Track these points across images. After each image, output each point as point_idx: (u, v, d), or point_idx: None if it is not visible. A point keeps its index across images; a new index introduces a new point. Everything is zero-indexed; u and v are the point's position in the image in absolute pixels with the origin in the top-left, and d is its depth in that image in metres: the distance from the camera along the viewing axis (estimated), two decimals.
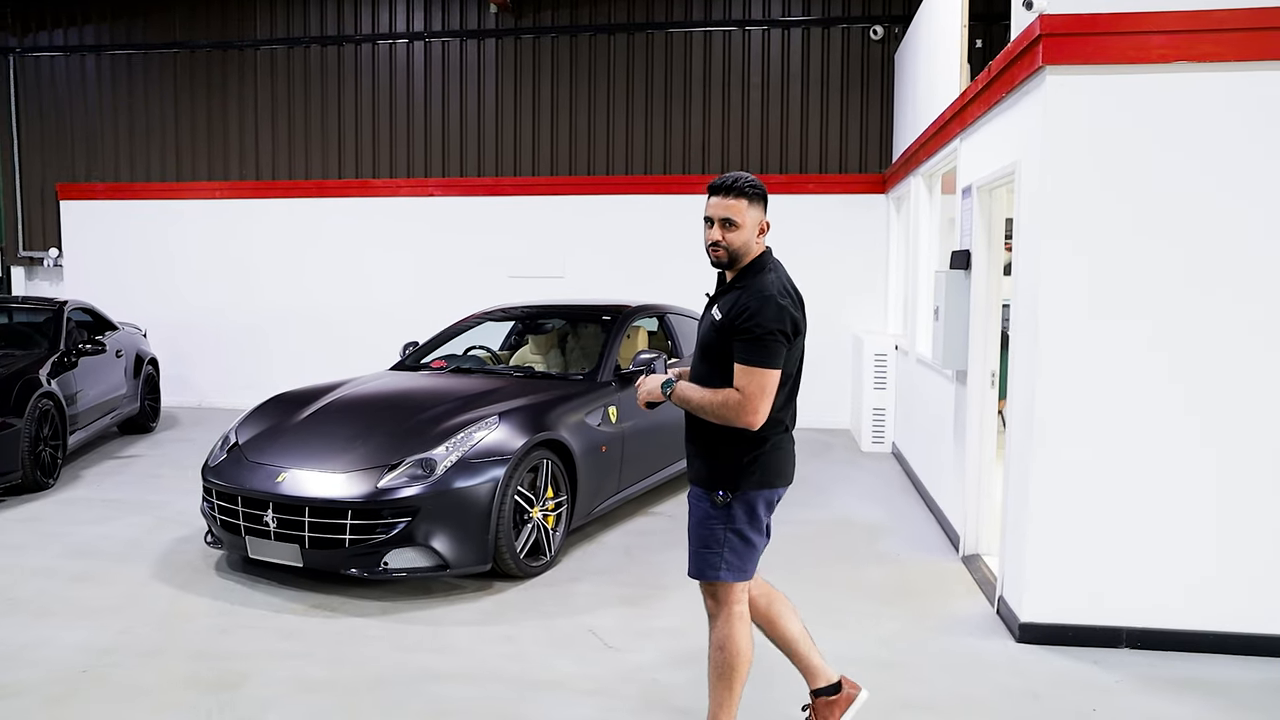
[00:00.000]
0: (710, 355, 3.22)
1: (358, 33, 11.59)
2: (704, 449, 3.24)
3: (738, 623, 3.26)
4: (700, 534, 3.26)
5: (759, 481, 3.21)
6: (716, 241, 3.22)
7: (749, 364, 3.07)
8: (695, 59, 10.96)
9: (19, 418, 7.29)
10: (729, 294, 3.24)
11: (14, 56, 12.32)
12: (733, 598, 3.26)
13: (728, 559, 3.22)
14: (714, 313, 3.23)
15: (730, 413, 3.08)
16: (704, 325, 3.30)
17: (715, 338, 3.19)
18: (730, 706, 3.29)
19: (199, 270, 12.09)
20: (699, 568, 3.26)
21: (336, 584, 5.36)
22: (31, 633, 4.71)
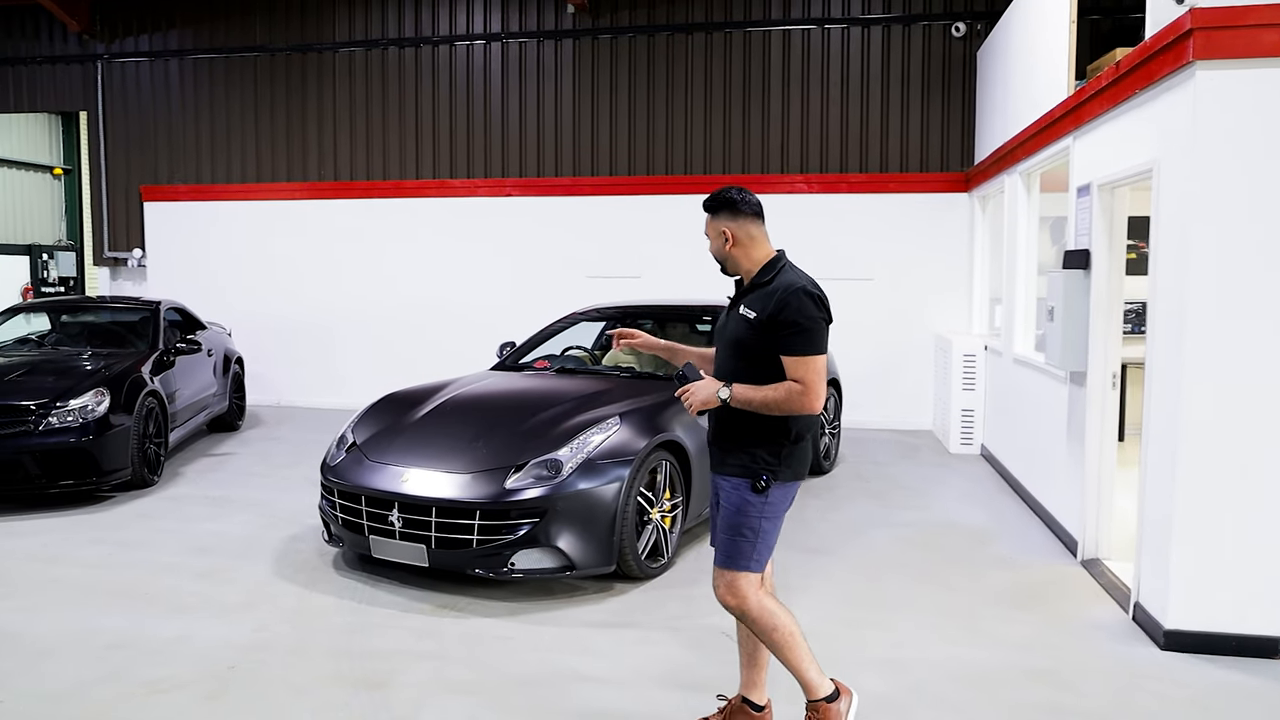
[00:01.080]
0: (745, 352, 3.38)
1: (435, 34, 11.67)
2: (745, 442, 3.37)
3: (764, 602, 3.41)
4: (734, 522, 3.38)
5: (795, 473, 3.42)
6: (711, 253, 3.54)
7: (803, 353, 3.26)
8: (774, 58, 10.91)
9: (129, 416, 7.43)
10: (754, 293, 3.41)
11: (102, 63, 12.56)
12: (749, 589, 3.39)
13: (758, 549, 3.38)
14: (744, 312, 3.39)
15: (796, 403, 3.25)
16: (733, 325, 3.46)
17: (751, 335, 3.35)
18: (809, 662, 3.48)
19: (277, 270, 12.24)
20: (730, 555, 3.39)
21: (458, 583, 5.38)
22: (172, 628, 4.79)
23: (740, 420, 3.37)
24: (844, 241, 10.80)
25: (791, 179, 10.87)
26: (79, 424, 7.07)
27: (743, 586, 3.38)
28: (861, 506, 7.36)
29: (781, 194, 10.85)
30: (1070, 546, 6.13)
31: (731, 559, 3.38)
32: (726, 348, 3.49)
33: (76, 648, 4.55)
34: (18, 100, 13.14)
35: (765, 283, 3.39)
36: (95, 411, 7.18)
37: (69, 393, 7.20)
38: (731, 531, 3.38)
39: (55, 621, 4.89)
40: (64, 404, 7.10)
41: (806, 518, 7.01)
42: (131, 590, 5.37)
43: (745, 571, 3.38)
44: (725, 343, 3.50)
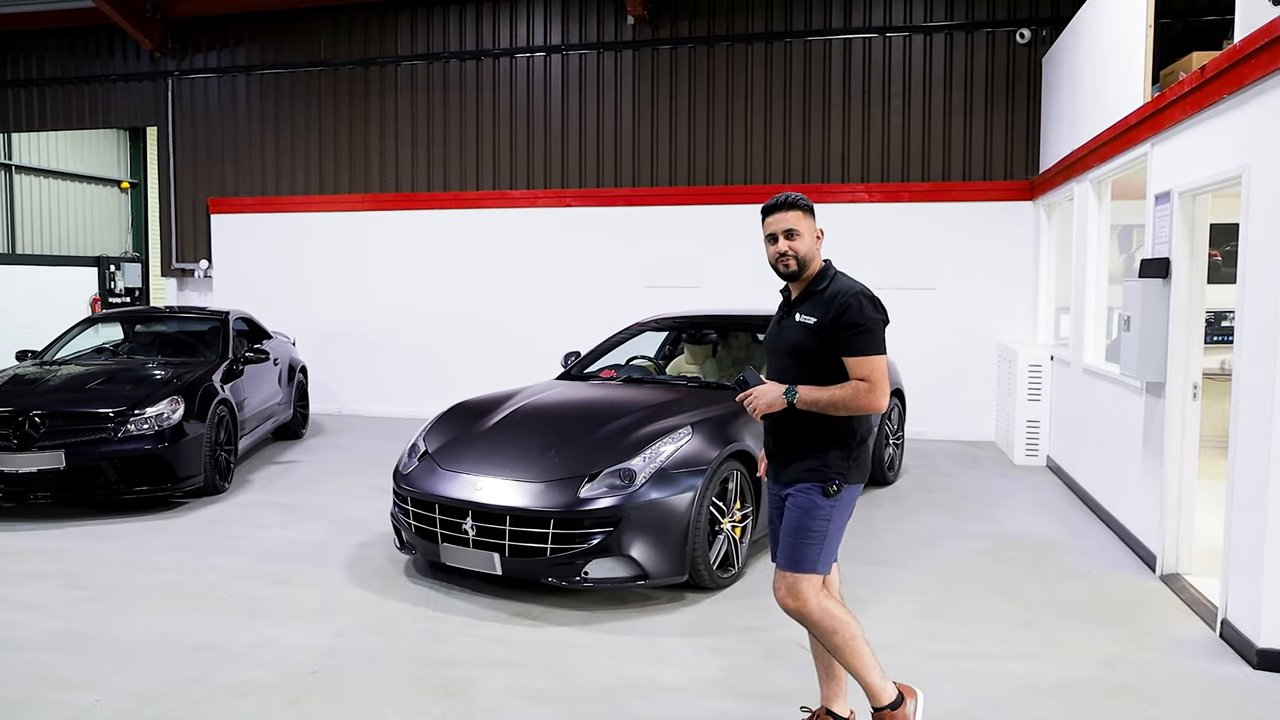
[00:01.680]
0: (806, 357, 3.44)
1: (496, 46, 11.79)
2: (810, 447, 3.43)
3: (826, 604, 3.42)
4: (803, 525, 3.42)
5: (859, 475, 3.50)
6: (784, 252, 3.49)
7: (866, 353, 3.34)
8: (835, 67, 10.86)
9: (202, 423, 7.57)
10: (809, 301, 3.48)
11: (172, 79, 12.88)
12: (811, 591, 3.40)
13: (824, 552, 3.43)
14: (803, 319, 3.45)
15: (863, 400, 3.33)
16: (789, 332, 3.51)
17: (813, 340, 3.42)
18: (872, 665, 3.47)
19: (340, 280, 12.43)
20: (794, 558, 3.41)
21: (530, 592, 5.40)
22: (253, 633, 4.86)
23: (807, 425, 3.43)
24: (905, 251, 10.71)
25: (852, 188, 10.80)
26: (155, 431, 7.23)
27: (804, 589, 3.40)
28: (930, 518, 7.27)
29: (842, 203, 10.79)
30: (1148, 561, 6.00)
31: (796, 561, 3.41)
32: (784, 355, 3.54)
33: (162, 650, 4.64)
34: (93, 117, 13.51)
35: (821, 290, 3.46)
36: (170, 419, 7.33)
37: (145, 401, 7.36)
38: (798, 534, 3.42)
39: (140, 624, 4.99)
40: (141, 412, 7.26)
41: (874, 529, 6.94)
42: (210, 595, 5.47)
43: (807, 574, 3.40)
44: (782, 350, 3.56)
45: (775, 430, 3.55)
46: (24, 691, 4.16)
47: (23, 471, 6.94)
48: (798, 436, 3.46)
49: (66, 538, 6.62)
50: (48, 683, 4.26)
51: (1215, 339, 8.30)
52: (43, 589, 5.55)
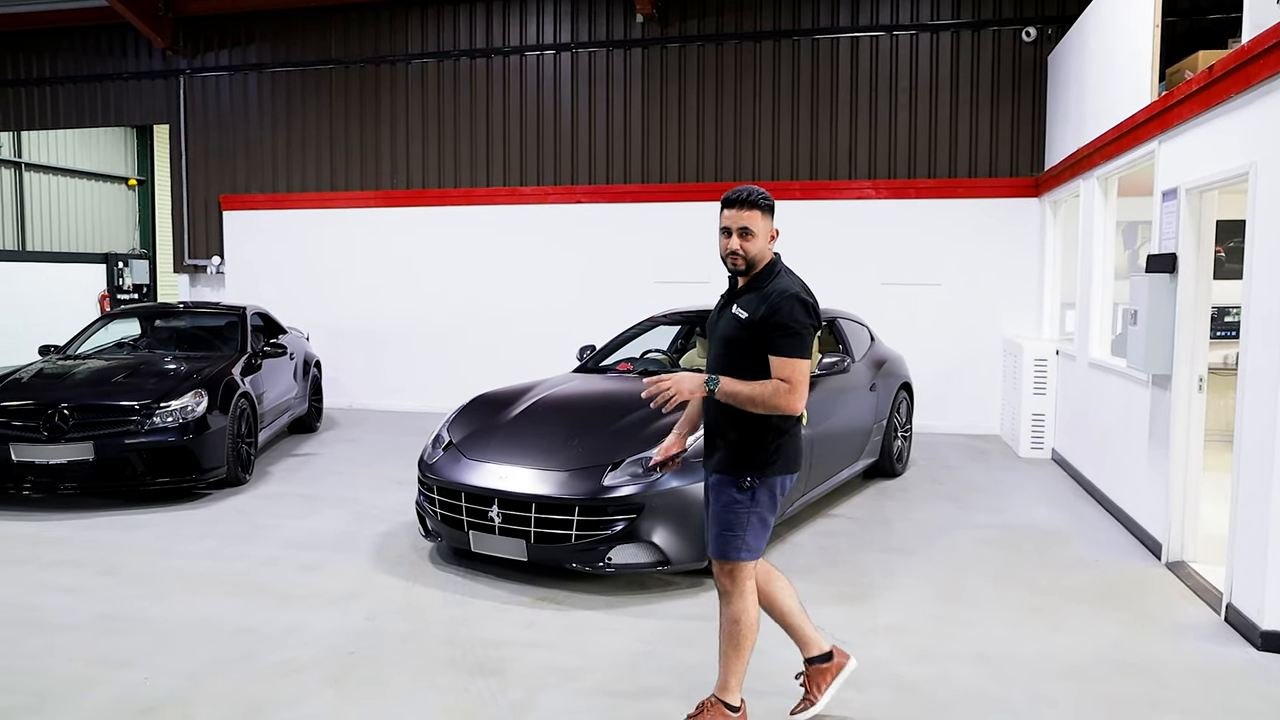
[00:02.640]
0: (736, 350, 3.52)
1: (506, 44, 11.93)
2: (733, 439, 3.53)
3: (750, 598, 3.59)
4: (725, 518, 3.55)
5: (781, 468, 3.56)
6: (735, 251, 3.53)
7: (790, 355, 3.42)
8: (842, 65, 11.01)
9: (224, 416, 7.72)
10: (748, 295, 3.56)
11: (184, 77, 13.01)
12: (746, 575, 3.57)
13: (748, 541, 3.54)
14: (737, 312, 3.53)
15: (780, 400, 3.40)
16: (724, 323, 3.60)
17: (744, 334, 3.50)
18: (740, 671, 3.65)
19: (351, 276, 12.57)
20: (722, 549, 3.55)
21: (553, 577, 5.55)
22: (288, 616, 5.01)
23: (729, 416, 3.53)
24: (912, 247, 10.86)
25: (859, 185, 10.95)
26: (179, 424, 7.37)
27: (739, 572, 3.56)
28: (938, 508, 7.43)
29: (849, 199, 10.95)
30: (1153, 549, 6.16)
31: (723, 551, 3.55)
32: (718, 344, 3.64)
33: (201, 633, 4.80)
34: (105, 115, 13.64)
35: (761, 286, 3.55)
36: (195, 412, 7.48)
37: (170, 394, 7.51)
38: (722, 525, 3.56)
39: (177, 609, 5.14)
40: (166, 405, 7.40)
41: (886, 518, 7.10)
42: (241, 581, 5.62)
43: (735, 561, 3.55)
44: (716, 340, 3.66)
45: (707, 418, 3.68)
46: (77, 671, 4.32)
47: (53, 463, 7.09)
48: (722, 426, 3.58)
49: (97, 527, 6.77)
50: (98, 662, 4.41)
51: (1218, 334, 8.46)
52: (80, 575, 5.70)
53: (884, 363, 8.39)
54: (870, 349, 8.35)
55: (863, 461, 7.85)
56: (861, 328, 8.48)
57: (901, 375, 8.67)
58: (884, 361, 8.40)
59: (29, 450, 7.08)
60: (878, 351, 8.47)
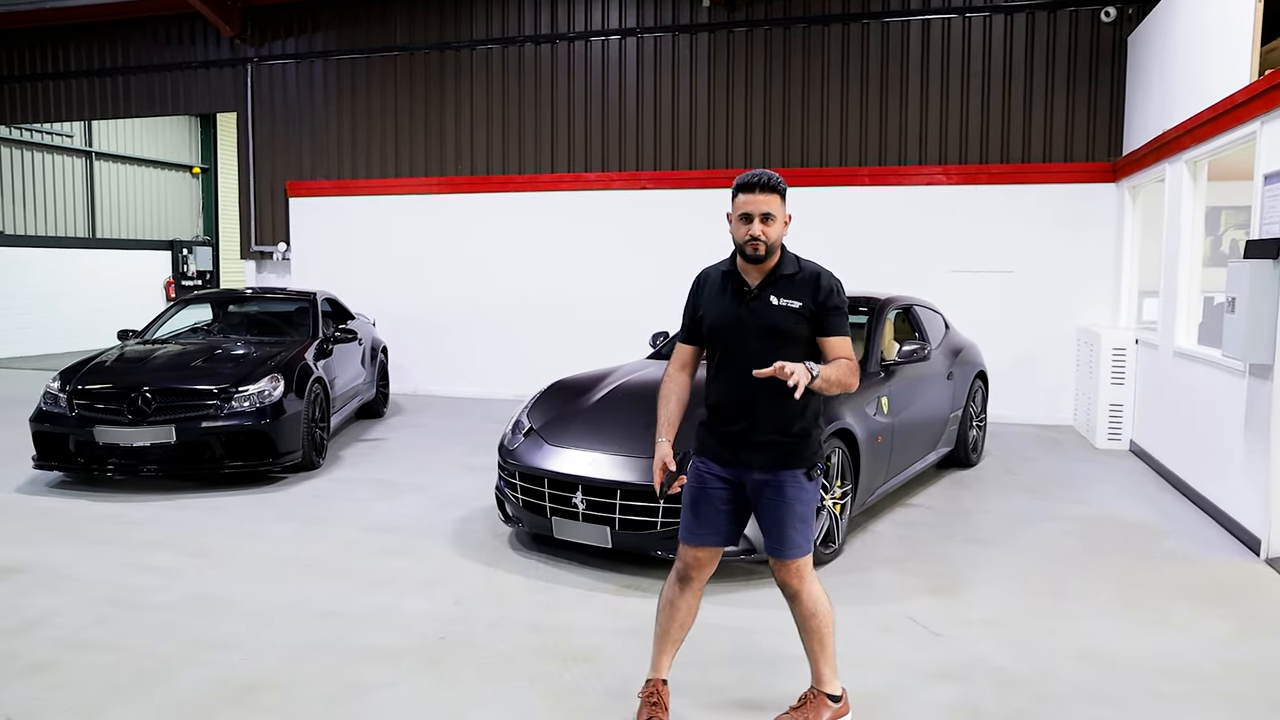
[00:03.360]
0: (788, 341, 3.41)
1: (571, 30, 11.88)
2: (795, 432, 3.45)
3: (818, 585, 3.61)
4: (800, 512, 3.49)
5: (824, 456, 3.70)
6: (756, 236, 3.40)
7: (846, 334, 3.47)
8: (913, 48, 10.80)
9: (300, 401, 7.79)
10: (781, 284, 3.46)
11: (251, 65, 13.15)
12: (811, 569, 3.57)
13: (811, 532, 3.55)
14: (785, 303, 3.42)
15: (854, 379, 3.39)
16: (766, 315, 3.43)
17: (800, 324, 3.42)
18: (832, 659, 3.67)
19: (415, 262, 12.63)
20: (798, 544, 3.49)
21: (634, 564, 5.52)
22: (375, 600, 5.03)
23: (784, 414, 3.41)
24: (983, 233, 10.65)
25: (930, 170, 10.76)
26: (257, 408, 7.45)
27: (805, 567, 3.54)
28: (1018, 500, 7.27)
29: (920, 185, 10.76)
30: (1250, 544, 5.97)
31: (799, 547, 3.49)
32: (760, 337, 3.42)
33: (292, 614, 4.83)
34: (174, 103, 13.85)
35: (792, 274, 3.47)
36: (271, 396, 7.55)
37: (247, 378, 7.59)
38: (798, 520, 3.48)
39: (264, 590, 5.19)
40: (244, 389, 7.48)
41: (965, 509, 6.97)
42: (325, 564, 5.66)
43: (807, 555, 3.53)
44: (756, 332, 3.43)
45: (751, 415, 3.44)
46: (175, 651, 4.36)
47: (136, 445, 7.20)
48: (776, 422, 3.43)
49: (180, 509, 6.87)
50: (194, 643, 4.46)
51: None
52: (169, 556, 5.78)
53: (960, 351, 8.23)
54: (945, 337, 8.20)
55: (939, 451, 7.72)
56: (936, 315, 8.33)
57: (977, 364, 8.51)
58: (960, 350, 8.25)
59: (113, 433, 7.20)
60: (953, 339, 8.32)
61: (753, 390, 3.38)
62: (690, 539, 3.60)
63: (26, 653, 4.36)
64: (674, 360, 3.71)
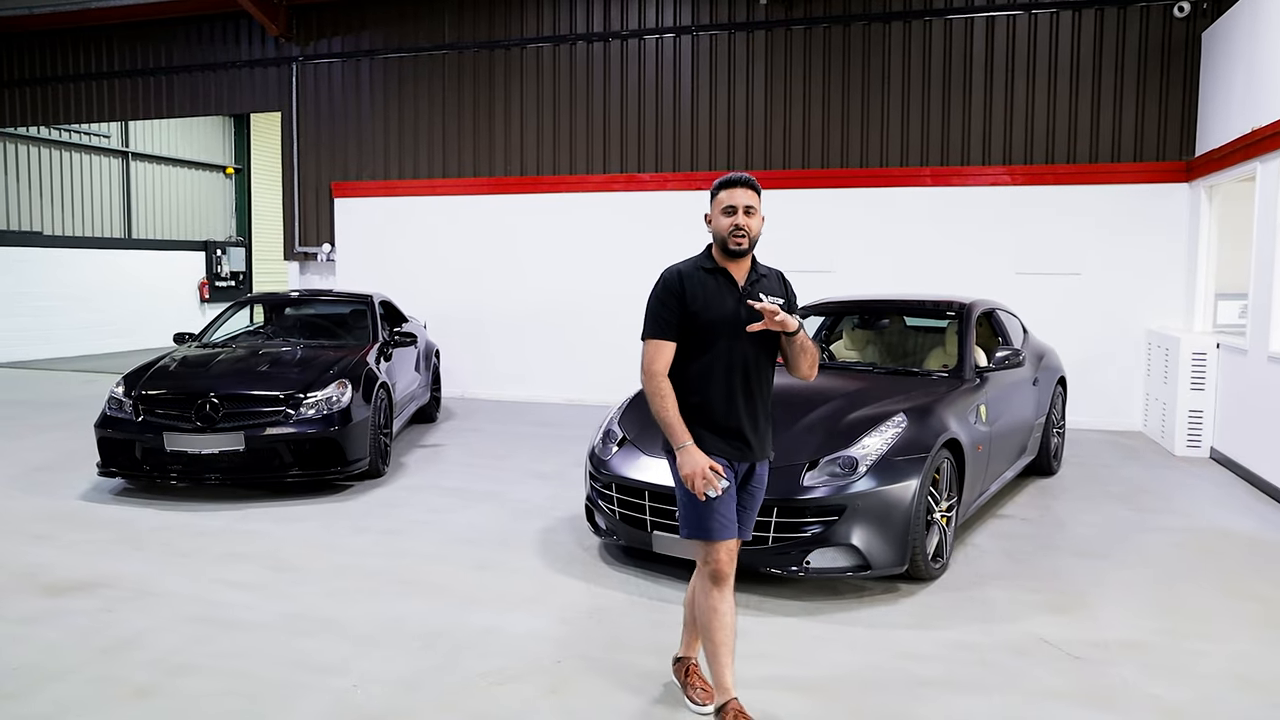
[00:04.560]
0: (773, 337, 3.61)
1: (624, 28, 11.67)
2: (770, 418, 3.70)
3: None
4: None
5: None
6: (740, 226, 3.54)
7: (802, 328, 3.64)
8: (977, 46, 10.56)
9: (367, 406, 7.60)
10: (761, 283, 3.66)
11: (296, 64, 12.99)
12: None
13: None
14: (773, 300, 3.51)
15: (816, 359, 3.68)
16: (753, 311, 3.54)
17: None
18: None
19: (462, 263, 12.45)
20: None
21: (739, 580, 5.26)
22: (475, 620, 4.82)
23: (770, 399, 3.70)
24: (1049, 235, 10.40)
25: (994, 170, 10.51)
26: (324, 415, 7.26)
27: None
28: (1110, 509, 7.03)
29: (983, 186, 10.52)
30: None
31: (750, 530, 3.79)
32: (757, 337, 3.57)
33: (394, 634, 4.63)
34: (218, 103, 13.71)
35: (763, 274, 3.70)
36: (340, 402, 7.36)
37: (314, 384, 7.40)
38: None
39: (360, 608, 4.99)
40: (311, 395, 7.29)
41: (1059, 519, 6.73)
42: (416, 579, 5.45)
43: None
44: (751, 332, 3.54)
45: (752, 405, 3.61)
46: (281, 675, 4.17)
47: (204, 453, 7.02)
48: (768, 409, 3.70)
49: (252, 519, 6.68)
50: (299, 665, 4.26)
51: None
52: (251, 570, 5.59)
53: (1043, 356, 8.00)
54: (1026, 341, 7.96)
55: (1025, 459, 7.48)
56: (1015, 319, 8.09)
57: (1058, 369, 8.27)
58: (1043, 355, 8.02)
59: (182, 440, 7.03)
60: (1034, 344, 8.08)
61: (754, 382, 3.60)
62: (725, 533, 3.58)
63: (127, 676, 4.17)
64: (658, 359, 3.64)
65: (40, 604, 5.06)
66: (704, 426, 3.58)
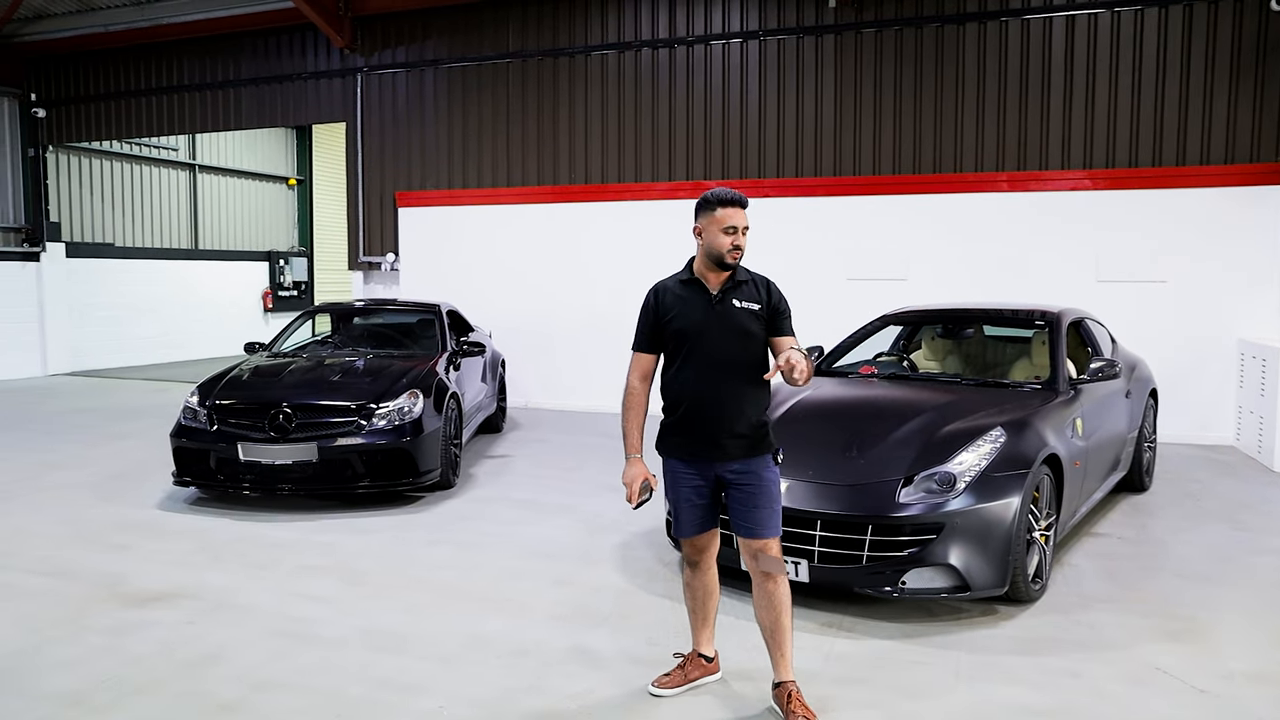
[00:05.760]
0: (751, 340, 3.78)
1: (690, 34, 11.54)
2: (756, 420, 3.76)
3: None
4: (775, 493, 3.80)
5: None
6: (740, 246, 3.78)
7: (794, 333, 3.86)
8: (1055, 46, 10.24)
9: (438, 417, 7.52)
10: (739, 289, 3.82)
11: (361, 75, 13.06)
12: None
13: (780, 513, 3.85)
14: (747, 305, 3.78)
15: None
16: (735, 317, 3.77)
17: (758, 324, 3.79)
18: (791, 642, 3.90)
19: (525, 272, 12.38)
20: (774, 524, 3.78)
21: (829, 600, 5.09)
22: (561, 638, 4.68)
23: (749, 402, 3.74)
24: (1132, 240, 10.03)
25: (1074, 175, 10.17)
26: (397, 425, 7.19)
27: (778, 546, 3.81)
28: (1212, 529, 6.68)
29: (1062, 191, 10.19)
30: None
31: (775, 526, 3.77)
32: (734, 337, 3.75)
33: (477, 652, 4.51)
34: (284, 115, 13.84)
35: (745, 280, 3.84)
36: (412, 413, 7.29)
37: (386, 394, 7.34)
38: (775, 502, 3.78)
39: (441, 624, 4.88)
40: (383, 405, 7.23)
41: (1157, 538, 6.42)
42: (494, 595, 5.33)
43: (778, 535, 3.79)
44: (731, 333, 3.75)
45: (725, 408, 3.72)
46: (366, 693, 4.06)
47: (278, 463, 6.99)
48: (743, 412, 3.73)
49: (325, 530, 6.62)
50: (383, 684, 4.15)
51: None
52: (328, 584, 5.51)
53: (1134, 367, 7.68)
54: (1115, 352, 7.65)
55: (1117, 474, 7.16)
56: (1103, 329, 7.78)
57: (1149, 380, 7.93)
58: (1134, 366, 7.69)
59: (256, 450, 7.00)
60: (1124, 354, 7.76)
61: (726, 386, 3.72)
62: (689, 532, 3.92)
63: (212, 691, 4.10)
64: (635, 371, 3.95)
65: (124, 615, 5.02)
66: (682, 429, 3.82)
